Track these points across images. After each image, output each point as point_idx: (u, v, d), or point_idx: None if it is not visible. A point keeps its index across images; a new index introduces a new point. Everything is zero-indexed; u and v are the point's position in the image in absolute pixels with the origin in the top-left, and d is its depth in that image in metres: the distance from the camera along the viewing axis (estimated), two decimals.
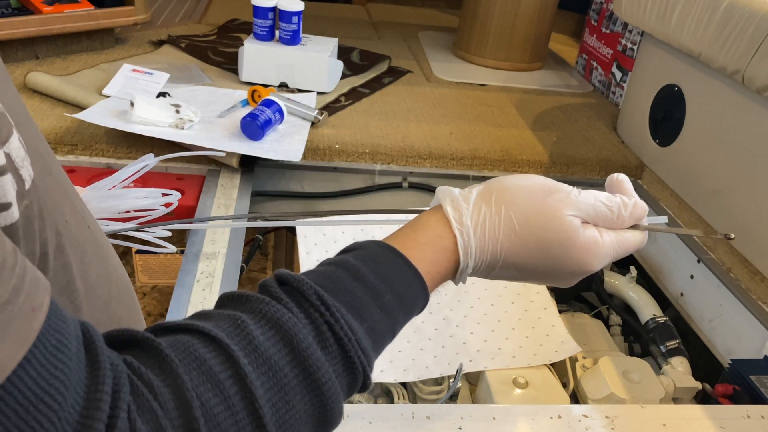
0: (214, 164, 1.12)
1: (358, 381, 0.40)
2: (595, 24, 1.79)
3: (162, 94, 1.26)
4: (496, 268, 0.47)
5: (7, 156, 0.30)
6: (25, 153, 0.31)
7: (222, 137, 1.12)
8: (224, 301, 0.41)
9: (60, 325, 0.30)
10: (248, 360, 0.36)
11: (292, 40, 1.40)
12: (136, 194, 0.79)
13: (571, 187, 0.48)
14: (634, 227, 0.49)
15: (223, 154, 1.02)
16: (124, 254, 1.13)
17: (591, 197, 0.47)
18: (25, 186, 0.30)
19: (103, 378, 0.31)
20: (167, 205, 0.80)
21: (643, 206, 0.49)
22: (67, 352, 0.29)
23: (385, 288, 0.42)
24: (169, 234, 0.78)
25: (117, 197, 0.77)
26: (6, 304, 0.26)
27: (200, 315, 0.40)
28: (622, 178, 0.51)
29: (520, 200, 0.46)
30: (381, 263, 0.44)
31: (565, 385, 0.90)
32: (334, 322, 0.39)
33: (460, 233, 0.46)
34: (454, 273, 0.47)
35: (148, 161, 0.82)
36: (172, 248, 0.79)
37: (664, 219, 0.52)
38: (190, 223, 0.89)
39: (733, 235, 0.52)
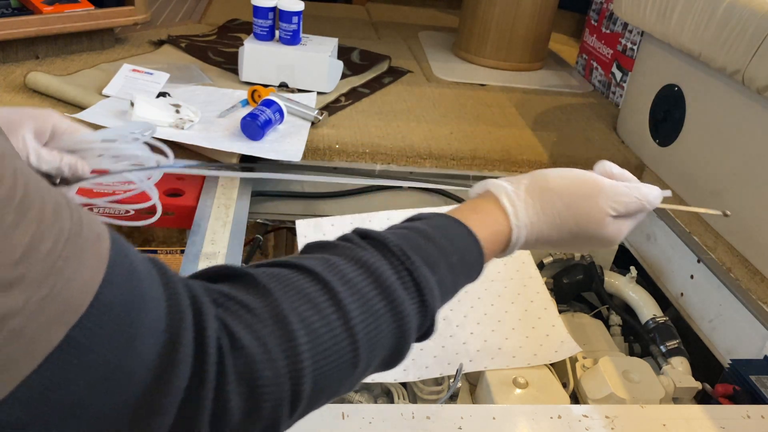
0: (214, 164, 1.12)
1: (425, 324, 0.45)
2: (595, 24, 1.79)
3: (162, 94, 1.26)
4: (530, 246, 0.55)
5: None
6: None
7: (222, 137, 1.13)
8: (310, 248, 0.45)
9: (125, 250, 0.32)
10: (342, 289, 0.40)
11: (292, 40, 1.40)
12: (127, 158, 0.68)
13: (607, 182, 0.54)
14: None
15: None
16: None
17: (628, 196, 0.55)
18: None
19: (179, 294, 0.34)
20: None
21: (656, 194, 0.58)
22: (137, 274, 0.32)
23: (452, 249, 0.47)
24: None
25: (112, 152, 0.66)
26: (77, 235, 0.29)
27: (288, 258, 0.43)
28: (617, 173, 0.58)
29: (564, 199, 0.53)
30: (448, 229, 0.49)
31: (565, 385, 0.90)
32: (414, 269, 0.43)
33: (517, 228, 0.52)
34: (499, 254, 0.54)
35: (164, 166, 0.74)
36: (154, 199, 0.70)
37: (668, 193, 0.59)
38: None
39: (729, 212, 0.61)
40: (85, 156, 0.60)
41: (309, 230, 1.06)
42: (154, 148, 0.66)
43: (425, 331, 0.46)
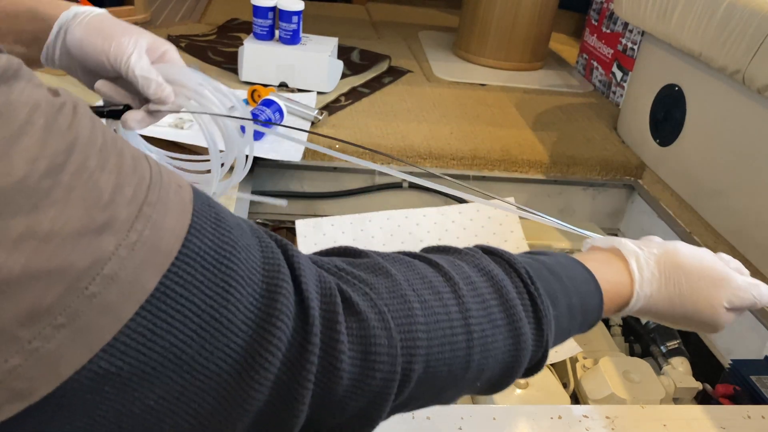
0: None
1: (538, 354, 0.42)
2: (596, 23, 1.79)
3: None
4: (638, 314, 0.53)
5: None
6: None
7: (222, 137, 1.12)
8: (430, 250, 0.44)
9: (208, 200, 0.32)
10: (465, 287, 0.38)
11: (292, 39, 1.40)
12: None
13: (733, 274, 0.54)
14: None
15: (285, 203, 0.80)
16: None
17: (747, 293, 0.54)
18: None
19: (271, 246, 0.33)
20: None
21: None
22: (225, 223, 0.31)
23: (574, 290, 0.45)
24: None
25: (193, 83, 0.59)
26: (159, 183, 0.29)
27: (407, 251, 0.43)
28: (734, 267, 0.57)
29: (691, 282, 0.52)
30: (573, 271, 0.47)
31: (565, 386, 0.90)
32: (537, 295, 0.41)
33: (637, 296, 0.50)
34: (611, 312, 0.51)
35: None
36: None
37: None
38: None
39: None
40: (176, 91, 0.59)
41: (309, 230, 1.06)
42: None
43: (536, 364, 0.43)
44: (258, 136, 1.12)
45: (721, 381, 0.87)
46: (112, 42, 0.56)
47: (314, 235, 1.06)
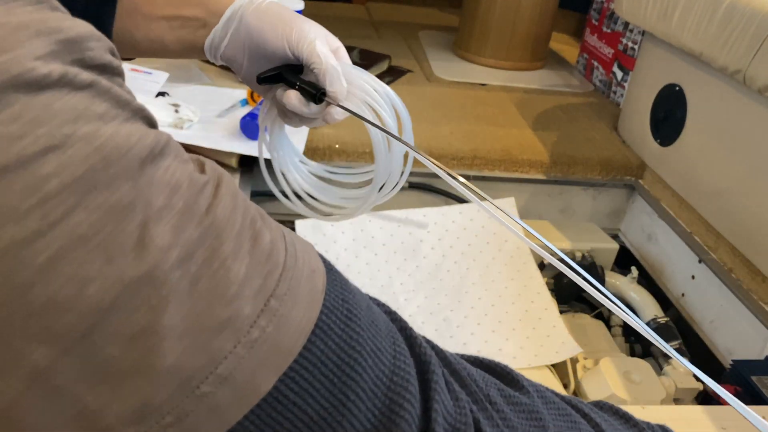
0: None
1: None
2: (596, 23, 1.79)
3: (161, 94, 1.26)
4: None
5: None
6: None
7: (221, 137, 1.12)
8: (605, 408, 0.41)
9: (344, 292, 0.29)
10: None
11: None
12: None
13: None
14: None
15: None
16: None
17: None
18: None
19: (404, 354, 0.29)
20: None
21: None
22: (356, 322, 0.28)
23: None
24: None
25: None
26: (292, 269, 0.26)
27: (576, 400, 0.39)
28: None
29: None
30: None
31: (566, 386, 0.90)
32: None
33: None
34: None
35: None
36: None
37: None
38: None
39: None
40: (350, 92, 0.55)
41: (308, 231, 1.06)
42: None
43: None
44: (257, 135, 1.12)
45: (722, 381, 0.86)
46: (293, 27, 0.53)
47: (314, 235, 1.05)
